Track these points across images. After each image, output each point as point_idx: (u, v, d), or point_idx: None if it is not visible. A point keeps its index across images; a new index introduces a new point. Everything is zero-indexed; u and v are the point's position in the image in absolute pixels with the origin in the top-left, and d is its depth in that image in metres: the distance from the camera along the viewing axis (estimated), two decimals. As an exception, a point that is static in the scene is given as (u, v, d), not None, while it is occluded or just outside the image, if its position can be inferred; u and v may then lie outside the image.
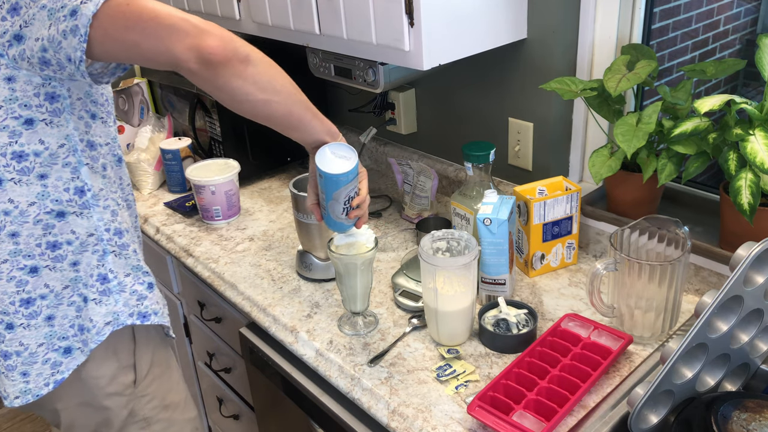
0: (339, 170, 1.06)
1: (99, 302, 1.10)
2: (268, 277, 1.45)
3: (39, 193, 1.02)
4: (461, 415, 1.03)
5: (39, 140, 1.00)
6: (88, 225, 1.07)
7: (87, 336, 1.10)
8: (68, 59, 0.91)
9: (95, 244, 1.09)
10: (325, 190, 1.10)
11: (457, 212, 1.36)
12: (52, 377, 1.09)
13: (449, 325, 1.16)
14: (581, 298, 1.30)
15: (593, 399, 1.04)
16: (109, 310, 1.11)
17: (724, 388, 1.02)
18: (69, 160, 1.04)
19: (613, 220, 1.36)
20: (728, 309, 0.92)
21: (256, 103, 0.97)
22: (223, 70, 0.91)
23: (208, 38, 0.89)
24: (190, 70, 0.91)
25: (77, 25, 0.88)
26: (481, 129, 1.61)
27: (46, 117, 1.00)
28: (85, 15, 0.88)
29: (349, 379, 1.14)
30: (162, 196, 1.89)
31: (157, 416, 1.20)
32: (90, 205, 1.07)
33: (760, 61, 1.12)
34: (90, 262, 1.09)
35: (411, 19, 1.21)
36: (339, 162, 1.07)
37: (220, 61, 0.90)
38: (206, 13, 1.78)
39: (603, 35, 1.36)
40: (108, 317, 1.11)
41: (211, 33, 0.90)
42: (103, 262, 1.10)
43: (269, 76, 0.98)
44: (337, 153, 1.08)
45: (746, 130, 1.09)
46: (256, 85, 0.95)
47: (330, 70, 1.56)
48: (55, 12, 0.90)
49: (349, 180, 1.08)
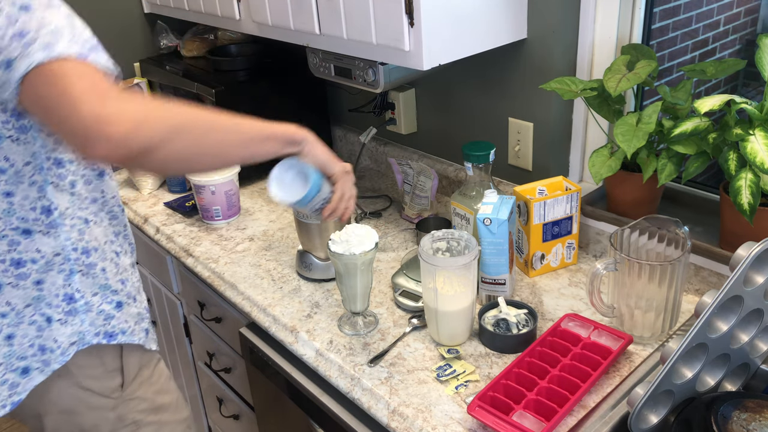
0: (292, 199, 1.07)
1: (64, 322, 1.06)
2: (268, 277, 1.45)
3: (4, 209, 0.99)
4: (461, 415, 1.03)
5: (4, 157, 0.97)
6: (55, 244, 1.04)
7: (49, 356, 1.06)
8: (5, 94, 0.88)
9: (61, 264, 1.05)
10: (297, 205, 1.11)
11: (457, 212, 1.36)
12: (9, 398, 1.05)
13: (449, 325, 1.16)
14: (581, 298, 1.30)
15: (593, 399, 1.04)
16: (75, 330, 1.07)
17: (724, 388, 1.02)
18: (35, 178, 1.00)
19: (613, 220, 1.36)
20: (728, 309, 0.92)
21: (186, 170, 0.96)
22: (130, 164, 0.87)
23: (95, 147, 0.82)
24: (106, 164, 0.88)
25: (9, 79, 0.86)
26: (481, 129, 1.61)
27: (12, 134, 0.96)
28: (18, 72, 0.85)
29: (349, 379, 1.14)
30: (162, 196, 1.89)
31: (146, 419, 1.18)
32: (57, 225, 1.03)
33: (760, 61, 1.12)
34: (55, 282, 1.05)
35: (411, 19, 1.21)
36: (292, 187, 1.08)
37: (119, 162, 0.86)
38: (206, 13, 1.78)
39: (603, 35, 1.36)
40: (73, 337, 1.07)
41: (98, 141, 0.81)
42: (69, 281, 1.06)
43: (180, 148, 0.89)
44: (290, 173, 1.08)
45: (746, 130, 1.09)
46: (171, 162, 0.90)
47: (330, 70, 1.56)
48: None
49: (310, 198, 1.08)
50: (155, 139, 0.84)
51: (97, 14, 2.07)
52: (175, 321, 1.88)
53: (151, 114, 0.85)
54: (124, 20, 2.14)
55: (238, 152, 0.99)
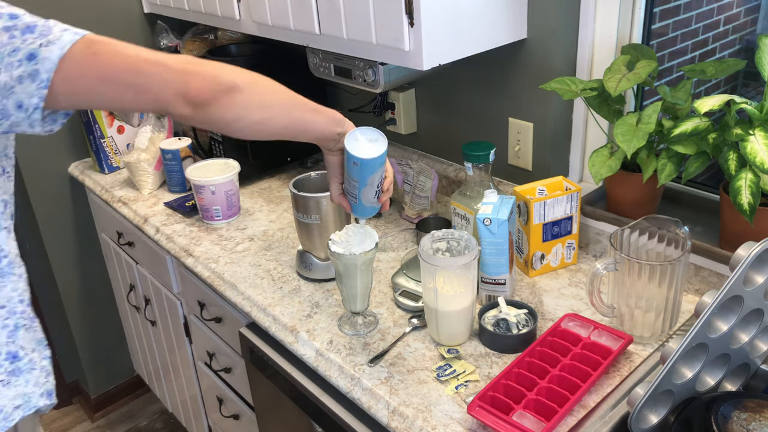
0: (375, 154, 1.04)
1: (7, 384, 0.96)
2: (268, 277, 1.45)
3: None
4: (461, 415, 1.03)
5: None
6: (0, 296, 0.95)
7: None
8: (18, 106, 0.82)
9: (5, 318, 0.96)
10: (360, 177, 1.08)
11: (457, 212, 1.36)
12: None
13: (449, 325, 1.16)
14: (581, 298, 1.30)
15: (593, 399, 1.04)
16: (19, 392, 0.97)
17: (724, 388, 1.02)
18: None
19: (613, 220, 1.36)
20: (728, 309, 0.92)
21: (254, 124, 0.95)
22: (214, 107, 0.88)
23: (191, 81, 0.86)
24: (182, 115, 0.88)
25: (38, 70, 0.81)
26: (481, 129, 1.61)
27: None
28: (49, 59, 0.81)
29: (349, 379, 1.14)
30: (162, 196, 1.89)
31: None
32: (4, 274, 0.95)
33: (760, 61, 1.12)
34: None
35: (411, 19, 1.21)
36: (371, 146, 1.05)
37: (208, 100, 0.87)
38: (206, 13, 1.78)
39: (603, 35, 1.36)
40: (17, 400, 0.97)
41: (192, 73, 0.86)
42: (14, 338, 0.97)
43: (259, 95, 0.94)
44: (365, 137, 1.06)
45: (746, 130, 1.09)
46: (248, 108, 0.92)
47: (330, 70, 1.56)
48: (4, 56, 0.81)
49: (384, 162, 1.07)
50: (239, 79, 0.90)
51: (97, 14, 2.08)
52: (175, 321, 1.88)
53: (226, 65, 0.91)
54: (124, 20, 2.14)
55: (299, 115, 1.00)
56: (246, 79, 0.92)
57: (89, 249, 2.29)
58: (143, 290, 2.04)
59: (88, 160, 2.19)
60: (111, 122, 2.06)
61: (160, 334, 2.05)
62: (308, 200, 1.36)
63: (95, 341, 2.41)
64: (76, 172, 2.15)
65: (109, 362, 2.47)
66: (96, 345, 2.41)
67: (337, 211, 1.38)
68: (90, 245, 2.29)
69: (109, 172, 2.09)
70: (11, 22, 0.82)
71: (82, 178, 2.11)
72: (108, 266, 2.32)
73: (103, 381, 2.49)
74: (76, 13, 2.02)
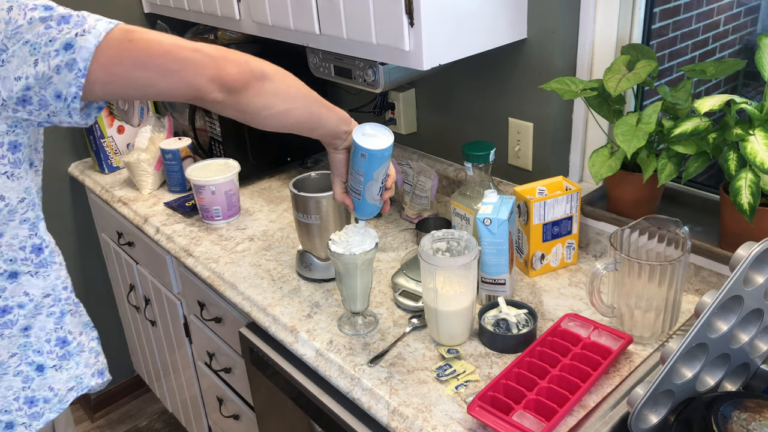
0: (383, 145, 1.06)
1: (59, 368, 1.01)
2: (268, 277, 1.45)
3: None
4: (461, 415, 1.03)
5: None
6: (44, 285, 0.98)
7: (43, 407, 1.00)
8: (57, 96, 0.84)
9: (51, 306, 1.00)
10: (366, 171, 1.09)
11: (457, 212, 1.36)
12: None
13: (449, 325, 1.16)
14: (581, 298, 1.30)
15: (593, 399, 1.04)
16: (71, 375, 1.02)
17: (724, 388, 1.02)
18: (28, 215, 0.95)
19: (613, 220, 1.36)
20: (728, 309, 0.92)
21: (279, 114, 0.97)
22: (246, 93, 0.91)
23: (226, 66, 0.88)
24: (214, 101, 0.89)
25: (75, 59, 0.82)
26: (481, 129, 1.61)
27: (8, 169, 0.90)
28: (86, 48, 0.82)
29: (349, 379, 1.14)
30: (162, 196, 1.89)
31: None
32: (47, 263, 0.98)
33: (760, 61, 1.12)
34: (45, 326, 0.99)
35: (411, 19, 1.21)
36: (378, 139, 1.07)
37: (242, 86, 0.89)
38: (206, 13, 1.78)
39: (603, 35, 1.36)
40: (71, 382, 1.02)
41: (227, 59, 0.89)
42: (61, 324, 1.01)
43: (286, 84, 0.97)
44: (373, 131, 1.08)
45: (746, 130, 1.09)
46: (276, 97, 0.95)
47: (330, 70, 1.56)
48: (41, 46, 0.82)
49: (389, 156, 1.08)
50: (266, 69, 0.93)
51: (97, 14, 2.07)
52: (175, 321, 1.88)
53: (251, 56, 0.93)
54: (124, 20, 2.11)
55: (316, 109, 1.02)
56: (273, 68, 0.95)
57: (89, 249, 2.29)
58: (143, 290, 2.04)
59: (88, 160, 2.19)
60: (111, 122, 2.06)
61: (160, 334, 2.05)
62: (308, 200, 1.36)
63: (95, 341, 2.41)
64: (76, 172, 2.15)
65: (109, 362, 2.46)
66: (96, 345, 2.41)
67: (337, 211, 1.38)
68: (90, 245, 2.29)
69: (109, 172, 2.09)
70: (46, 12, 0.84)
71: (82, 178, 2.11)
72: (108, 266, 2.32)
73: (103, 381, 2.49)
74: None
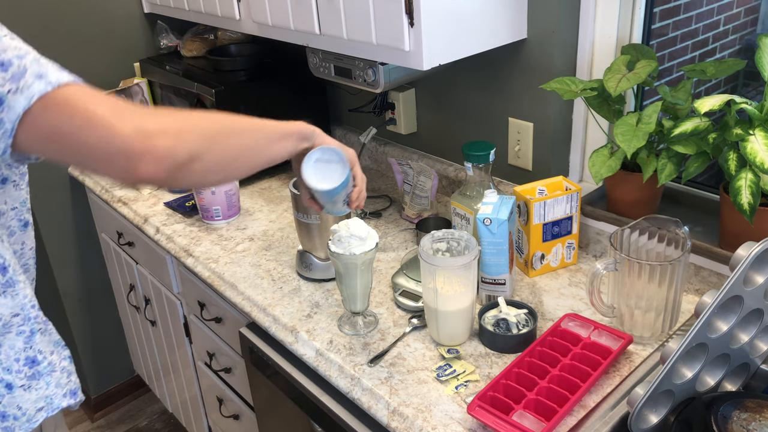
0: (332, 185, 1.04)
1: (28, 388, 0.99)
2: (268, 277, 1.45)
3: None
4: (461, 415, 1.03)
5: None
6: (13, 304, 0.96)
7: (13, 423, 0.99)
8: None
9: (20, 325, 0.98)
10: (322, 200, 1.09)
11: (457, 212, 1.36)
12: None
13: (449, 325, 1.16)
14: (581, 298, 1.30)
15: (593, 399, 1.04)
16: (41, 395, 1.00)
17: (724, 388, 1.02)
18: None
19: (613, 220, 1.36)
20: (728, 309, 0.92)
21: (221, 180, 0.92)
22: (173, 180, 0.82)
23: (140, 166, 0.78)
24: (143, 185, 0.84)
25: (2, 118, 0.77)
26: (481, 129, 1.61)
27: None
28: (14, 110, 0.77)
29: (349, 379, 1.14)
30: (162, 196, 1.89)
31: None
32: (13, 282, 0.95)
33: (760, 61, 1.12)
34: (14, 345, 0.97)
35: (411, 19, 1.21)
36: (329, 172, 1.04)
37: (163, 179, 0.81)
38: (206, 13, 1.78)
39: (603, 35, 1.36)
40: (40, 402, 1.00)
41: (143, 157, 0.77)
42: (30, 343, 0.99)
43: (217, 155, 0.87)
44: (323, 160, 1.04)
45: (746, 130, 1.09)
46: (209, 172, 0.87)
47: (330, 70, 1.56)
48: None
49: (345, 185, 1.06)
50: (195, 147, 0.82)
51: (97, 14, 2.07)
52: (175, 321, 1.88)
53: (185, 124, 0.83)
54: (124, 20, 2.14)
55: (264, 154, 0.96)
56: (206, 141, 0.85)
57: (89, 249, 2.29)
58: (143, 290, 2.04)
59: (88, 160, 2.19)
60: (111, 122, 2.06)
61: (160, 334, 2.05)
62: (308, 200, 1.36)
63: (95, 341, 2.41)
64: (76, 171, 2.15)
65: (109, 362, 2.48)
66: (96, 345, 2.41)
67: (337, 211, 1.38)
68: (90, 245, 2.29)
69: (109, 172, 2.09)
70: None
71: (82, 178, 2.11)
72: (108, 266, 2.32)
73: (103, 381, 2.49)
74: (76, 13, 2.02)
